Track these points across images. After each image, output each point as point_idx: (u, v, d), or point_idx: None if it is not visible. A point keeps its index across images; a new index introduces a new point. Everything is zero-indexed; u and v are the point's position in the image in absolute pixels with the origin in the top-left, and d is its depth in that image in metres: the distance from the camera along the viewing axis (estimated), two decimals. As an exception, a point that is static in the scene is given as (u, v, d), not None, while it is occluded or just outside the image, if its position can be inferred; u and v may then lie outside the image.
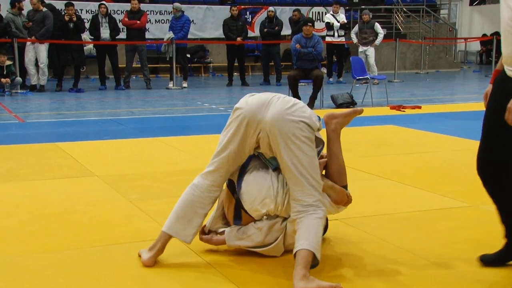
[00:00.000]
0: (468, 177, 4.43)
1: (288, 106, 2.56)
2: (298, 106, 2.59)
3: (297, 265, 2.46)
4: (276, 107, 2.56)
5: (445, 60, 18.03)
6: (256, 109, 2.58)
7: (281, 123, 2.53)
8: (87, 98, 10.28)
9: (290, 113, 2.54)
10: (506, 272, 2.66)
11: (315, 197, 2.56)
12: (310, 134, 2.56)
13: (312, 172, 2.56)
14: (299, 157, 2.53)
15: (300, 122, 2.54)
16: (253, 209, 2.72)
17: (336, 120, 2.91)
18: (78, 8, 12.63)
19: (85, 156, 5.15)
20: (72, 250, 2.91)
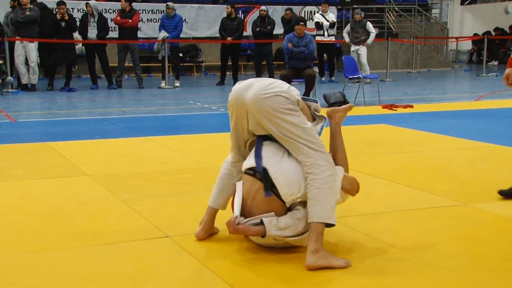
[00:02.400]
0: (460, 176, 4.45)
1: (265, 86, 2.75)
2: (276, 84, 2.77)
3: (309, 239, 2.66)
4: (255, 88, 2.76)
5: (436, 59, 18.10)
6: (239, 94, 2.80)
7: (259, 101, 2.72)
8: (78, 98, 10.24)
9: (266, 90, 2.72)
10: (498, 270, 2.67)
11: (317, 155, 2.71)
12: (290, 105, 2.72)
13: (306, 136, 2.72)
14: (286, 127, 2.70)
15: (276, 96, 2.70)
16: (289, 193, 2.74)
17: (339, 114, 3.18)
18: (69, 7, 12.57)
19: (76, 156, 5.13)
20: (63, 250, 2.90)
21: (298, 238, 2.78)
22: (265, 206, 2.76)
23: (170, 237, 3.07)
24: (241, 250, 2.88)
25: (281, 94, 2.71)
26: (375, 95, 9.77)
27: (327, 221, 2.68)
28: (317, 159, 2.70)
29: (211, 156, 5.15)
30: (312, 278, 2.56)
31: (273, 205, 2.76)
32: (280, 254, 2.84)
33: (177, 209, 3.60)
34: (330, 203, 2.70)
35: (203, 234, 3.03)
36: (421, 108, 8.64)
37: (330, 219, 2.69)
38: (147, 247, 2.95)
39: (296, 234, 2.77)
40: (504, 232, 3.20)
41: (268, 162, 2.77)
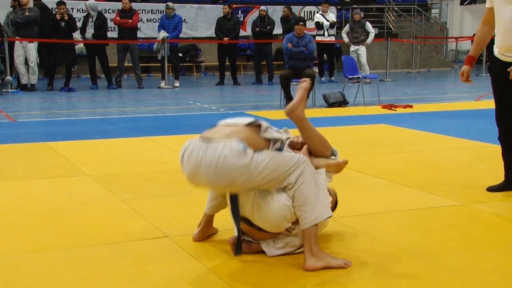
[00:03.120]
0: (460, 176, 4.45)
1: (212, 171, 2.52)
2: (220, 162, 2.50)
3: (304, 243, 2.65)
4: (205, 178, 2.57)
5: (436, 59, 18.10)
6: (193, 181, 2.67)
7: (220, 188, 2.66)
8: (78, 98, 10.24)
9: (218, 178, 2.53)
10: (498, 270, 2.68)
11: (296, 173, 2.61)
12: (247, 172, 2.51)
13: (278, 172, 2.58)
14: (259, 184, 2.59)
15: (230, 179, 2.52)
16: (279, 228, 2.74)
17: (297, 110, 2.82)
18: (69, 7, 12.57)
19: (76, 156, 5.13)
20: (63, 250, 2.90)
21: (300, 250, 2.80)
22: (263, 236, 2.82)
23: (170, 237, 3.07)
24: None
25: (230, 176, 2.50)
26: (375, 95, 9.77)
27: (317, 221, 2.62)
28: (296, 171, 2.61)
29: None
30: (311, 278, 2.56)
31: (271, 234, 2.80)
32: (281, 256, 2.84)
33: (177, 209, 3.60)
34: (317, 200, 2.62)
35: (200, 236, 3.03)
36: (421, 108, 8.64)
37: (321, 217, 2.62)
38: (147, 247, 2.95)
39: (298, 247, 2.80)
40: (504, 232, 3.20)
41: (247, 209, 2.71)
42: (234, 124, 2.70)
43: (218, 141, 2.56)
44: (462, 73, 3.91)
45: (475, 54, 3.85)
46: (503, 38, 3.48)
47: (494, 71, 3.72)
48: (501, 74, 3.61)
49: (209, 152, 2.53)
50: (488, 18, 3.73)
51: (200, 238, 3.04)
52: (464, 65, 3.91)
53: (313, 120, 3.11)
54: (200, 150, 2.57)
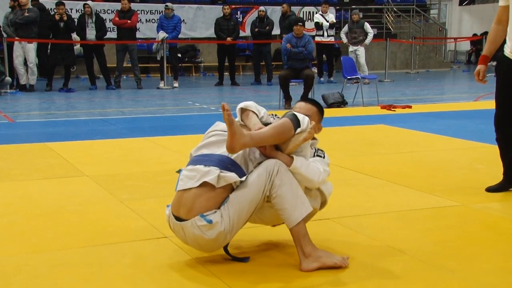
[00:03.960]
0: (458, 176, 4.45)
1: (198, 247, 2.65)
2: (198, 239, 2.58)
3: (296, 246, 2.64)
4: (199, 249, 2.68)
5: (435, 59, 18.11)
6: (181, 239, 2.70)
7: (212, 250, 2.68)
8: (77, 98, 10.23)
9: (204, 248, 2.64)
10: (497, 271, 2.68)
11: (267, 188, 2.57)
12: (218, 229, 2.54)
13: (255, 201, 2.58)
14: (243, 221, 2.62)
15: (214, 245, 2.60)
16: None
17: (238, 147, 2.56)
18: (68, 7, 12.56)
19: (75, 156, 5.13)
20: (62, 250, 2.89)
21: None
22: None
23: (169, 237, 3.07)
24: (240, 251, 2.88)
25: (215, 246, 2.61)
26: (374, 95, 9.78)
27: (300, 219, 2.58)
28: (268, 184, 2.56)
29: (210, 157, 5.14)
30: (310, 278, 2.56)
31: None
32: (278, 254, 2.84)
33: (176, 210, 3.59)
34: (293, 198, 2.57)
35: None
36: (420, 109, 8.65)
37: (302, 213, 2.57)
38: (146, 247, 2.95)
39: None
40: (502, 232, 3.21)
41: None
42: (189, 188, 2.61)
43: (187, 221, 2.59)
44: (477, 73, 3.82)
45: (489, 53, 3.77)
46: None
47: (503, 70, 3.65)
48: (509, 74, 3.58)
49: (186, 233, 2.61)
50: (502, 17, 3.67)
51: None
52: (479, 64, 3.83)
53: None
54: (180, 230, 2.65)
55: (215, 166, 2.60)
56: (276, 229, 3.02)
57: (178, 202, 2.66)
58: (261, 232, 3.10)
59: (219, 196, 2.58)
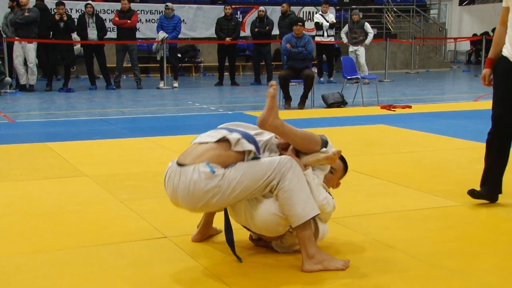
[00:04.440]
0: (458, 176, 4.45)
1: (187, 199, 2.59)
2: (191, 189, 2.56)
3: (300, 246, 2.65)
4: (184, 204, 2.64)
5: (435, 60, 18.11)
6: (175, 204, 2.71)
7: (199, 211, 2.69)
8: (77, 98, 10.23)
9: (194, 204, 2.60)
10: (497, 271, 2.68)
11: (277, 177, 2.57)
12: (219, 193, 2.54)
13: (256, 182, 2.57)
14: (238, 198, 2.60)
15: (205, 202, 2.57)
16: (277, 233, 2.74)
17: (269, 121, 2.69)
18: (68, 7, 12.56)
19: (75, 156, 5.13)
20: (62, 250, 2.89)
21: None
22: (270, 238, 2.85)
23: (169, 237, 3.07)
24: (239, 251, 2.88)
25: (204, 200, 2.56)
26: (374, 95, 9.78)
27: (305, 219, 2.58)
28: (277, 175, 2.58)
29: (210, 157, 5.14)
30: (310, 279, 2.57)
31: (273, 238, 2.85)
32: (279, 255, 2.84)
33: (176, 210, 3.57)
34: (302, 197, 2.58)
35: (199, 237, 3.03)
36: (420, 109, 8.65)
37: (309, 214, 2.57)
38: (146, 247, 2.95)
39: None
40: (502, 232, 3.21)
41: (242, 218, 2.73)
42: (206, 142, 2.68)
43: (189, 165, 2.59)
44: (483, 77, 3.70)
45: (494, 55, 3.65)
46: None
47: (502, 71, 3.57)
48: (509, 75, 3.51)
49: (181, 178, 2.58)
50: (504, 18, 3.61)
51: (199, 239, 3.03)
52: (485, 68, 3.72)
53: (312, 121, 3.11)
54: (175, 176, 2.62)
55: (238, 133, 2.68)
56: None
57: (189, 151, 2.69)
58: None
59: (230, 158, 2.60)
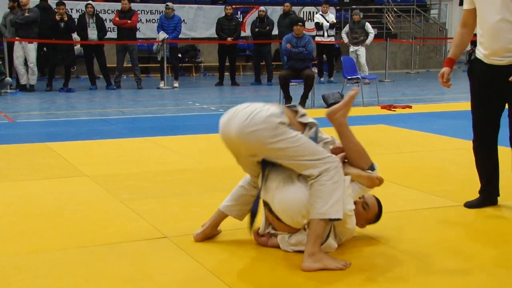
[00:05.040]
0: (458, 176, 4.45)
1: (243, 120, 2.63)
2: (253, 113, 2.63)
3: (307, 241, 2.66)
4: (235, 127, 2.66)
5: (435, 59, 18.10)
6: (225, 131, 2.74)
7: (245, 139, 2.65)
8: (77, 98, 10.23)
9: (246, 127, 2.62)
10: (496, 271, 2.68)
11: (320, 167, 2.65)
12: (274, 131, 2.60)
13: (302, 152, 2.64)
14: (280, 154, 2.64)
15: (256, 131, 2.60)
16: (294, 222, 2.77)
17: (338, 114, 2.97)
18: (68, 7, 12.56)
19: (75, 156, 5.13)
20: (62, 251, 2.89)
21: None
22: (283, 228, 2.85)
23: (169, 237, 3.07)
24: (239, 251, 2.88)
25: (260, 127, 2.59)
26: (374, 95, 9.77)
27: (326, 217, 2.62)
28: (321, 166, 2.65)
29: (210, 157, 5.15)
30: (310, 279, 2.56)
31: (287, 229, 2.83)
32: (279, 255, 2.84)
33: (176, 210, 3.60)
34: (333, 197, 2.63)
35: (201, 237, 3.02)
36: (420, 109, 8.64)
37: (331, 214, 2.62)
38: (146, 247, 2.95)
39: None
40: (502, 233, 3.21)
41: (270, 195, 2.76)
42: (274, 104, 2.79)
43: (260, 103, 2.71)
44: (441, 75, 3.65)
45: (455, 56, 3.64)
46: (489, 41, 3.34)
47: (476, 73, 3.53)
48: (484, 77, 3.43)
49: (249, 107, 2.68)
50: (467, 20, 3.57)
51: (201, 238, 3.03)
52: (444, 67, 3.69)
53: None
54: (242, 105, 2.73)
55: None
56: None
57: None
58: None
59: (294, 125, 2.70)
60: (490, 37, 3.32)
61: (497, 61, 3.31)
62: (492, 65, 3.35)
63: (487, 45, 3.36)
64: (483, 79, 3.45)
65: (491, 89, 3.41)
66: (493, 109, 3.45)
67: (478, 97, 3.51)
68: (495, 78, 3.36)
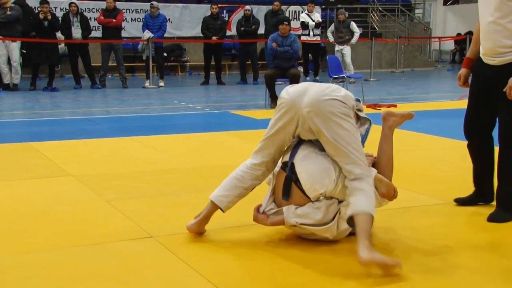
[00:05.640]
0: (444, 175, 4.49)
1: (323, 89, 2.78)
2: (333, 87, 2.80)
3: (359, 234, 2.60)
4: (313, 92, 2.76)
5: (420, 59, 18.23)
6: (295, 97, 2.78)
7: (317, 103, 2.72)
8: (62, 97, 10.15)
9: (325, 94, 2.74)
10: (483, 268, 2.70)
11: (363, 169, 2.72)
12: (346, 110, 2.73)
13: (355, 145, 2.74)
14: (339, 133, 2.70)
15: (334, 100, 2.72)
16: (312, 188, 2.79)
17: (393, 118, 3.18)
18: (52, 6, 12.44)
19: (60, 156, 5.09)
20: (49, 251, 2.87)
21: (320, 228, 2.81)
22: (291, 201, 2.84)
23: (154, 237, 3.06)
24: (226, 250, 2.88)
25: (338, 98, 2.73)
26: (359, 94, 9.81)
27: (373, 214, 2.67)
28: (362, 169, 2.72)
29: (197, 156, 5.14)
30: (298, 280, 2.57)
31: (298, 200, 2.82)
32: (266, 254, 2.84)
33: (162, 210, 3.58)
34: (374, 201, 2.75)
35: (195, 228, 3.02)
36: (405, 108, 8.69)
37: (374, 212, 2.71)
38: (132, 247, 2.93)
39: (316, 223, 2.81)
40: (488, 230, 3.23)
41: (299, 158, 2.84)
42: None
43: None
44: (458, 77, 3.69)
45: (473, 55, 3.60)
46: (483, 41, 3.42)
47: (475, 70, 3.59)
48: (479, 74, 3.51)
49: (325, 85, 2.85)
50: None
51: (196, 230, 3.01)
52: (462, 67, 3.67)
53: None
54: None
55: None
56: (271, 229, 3.02)
57: None
58: (252, 231, 3.09)
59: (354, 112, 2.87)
60: (484, 37, 3.39)
61: (490, 60, 3.38)
62: (487, 64, 3.41)
63: (482, 45, 3.43)
64: (478, 76, 3.51)
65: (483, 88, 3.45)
66: (487, 107, 3.48)
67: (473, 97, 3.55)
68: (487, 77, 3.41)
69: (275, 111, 2.88)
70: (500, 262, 2.77)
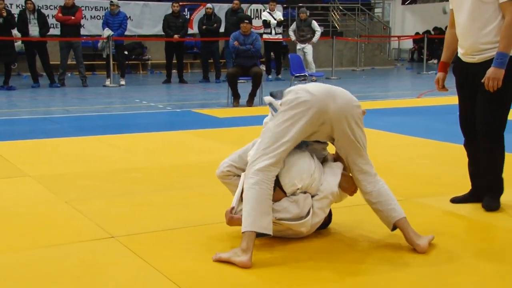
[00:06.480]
0: (402, 171, 4.57)
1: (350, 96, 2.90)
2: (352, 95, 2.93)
3: (406, 227, 2.90)
4: (343, 98, 2.85)
5: (380, 57, 18.51)
6: (325, 101, 2.79)
7: (350, 109, 2.83)
8: (19, 96, 9.91)
9: (353, 100, 2.88)
10: (439, 264, 2.76)
11: (373, 170, 2.98)
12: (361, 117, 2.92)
13: (366, 145, 2.97)
14: (359, 134, 2.89)
15: (359, 107, 2.89)
16: (290, 183, 2.85)
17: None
18: (7, 2, 12.14)
19: (17, 156, 4.97)
20: (5, 253, 2.80)
21: (296, 223, 2.83)
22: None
23: (116, 237, 3.02)
24: (187, 250, 2.86)
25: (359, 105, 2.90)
26: (321, 92, 9.88)
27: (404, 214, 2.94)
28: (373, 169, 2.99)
29: (159, 155, 5.09)
30: (259, 280, 2.57)
31: (275, 195, 2.80)
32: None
33: (123, 209, 3.54)
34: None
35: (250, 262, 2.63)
36: (365, 106, 8.70)
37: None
38: (92, 248, 2.89)
39: (293, 217, 2.82)
40: (446, 225, 3.31)
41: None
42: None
43: None
44: (437, 81, 3.70)
45: (447, 59, 3.68)
46: (462, 40, 3.48)
47: (457, 72, 3.63)
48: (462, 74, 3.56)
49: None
50: (452, 20, 3.62)
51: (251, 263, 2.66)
52: (438, 71, 3.73)
53: (261, 118, 3.12)
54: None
55: None
56: (235, 228, 3.02)
57: None
58: (216, 230, 3.08)
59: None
60: (462, 37, 3.45)
61: (469, 58, 3.44)
62: (467, 63, 3.47)
63: (461, 45, 3.49)
64: (462, 76, 3.56)
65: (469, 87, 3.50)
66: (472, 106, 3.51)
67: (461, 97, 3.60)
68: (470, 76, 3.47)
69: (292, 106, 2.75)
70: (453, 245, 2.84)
